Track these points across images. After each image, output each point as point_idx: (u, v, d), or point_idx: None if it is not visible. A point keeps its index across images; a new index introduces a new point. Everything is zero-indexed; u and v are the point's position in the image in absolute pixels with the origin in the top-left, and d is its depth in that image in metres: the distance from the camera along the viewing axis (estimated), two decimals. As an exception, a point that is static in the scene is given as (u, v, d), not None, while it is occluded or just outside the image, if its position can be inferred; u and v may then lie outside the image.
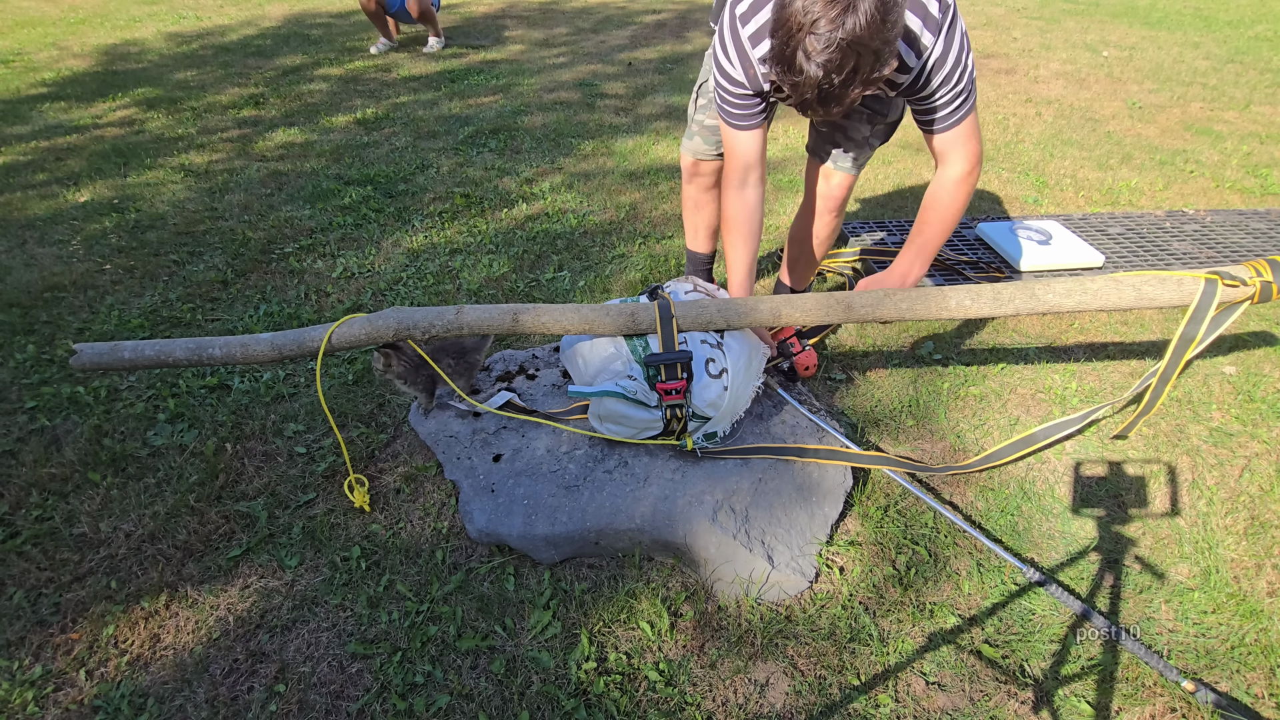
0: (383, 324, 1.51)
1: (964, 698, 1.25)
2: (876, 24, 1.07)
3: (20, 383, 2.00)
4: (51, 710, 1.24)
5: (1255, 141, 3.76)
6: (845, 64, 1.10)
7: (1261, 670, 1.29)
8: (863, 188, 3.22)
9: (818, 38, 1.08)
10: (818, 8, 1.07)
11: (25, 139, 3.72)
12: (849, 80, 1.12)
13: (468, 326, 1.52)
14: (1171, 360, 1.40)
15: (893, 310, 1.47)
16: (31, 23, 6.23)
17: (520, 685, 1.27)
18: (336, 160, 3.49)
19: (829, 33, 1.07)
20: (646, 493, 1.48)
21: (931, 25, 1.28)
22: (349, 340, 1.52)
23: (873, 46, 1.09)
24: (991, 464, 1.65)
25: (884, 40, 1.09)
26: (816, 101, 1.18)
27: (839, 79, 1.12)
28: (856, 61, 1.10)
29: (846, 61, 1.09)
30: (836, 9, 1.06)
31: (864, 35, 1.07)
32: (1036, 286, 1.41)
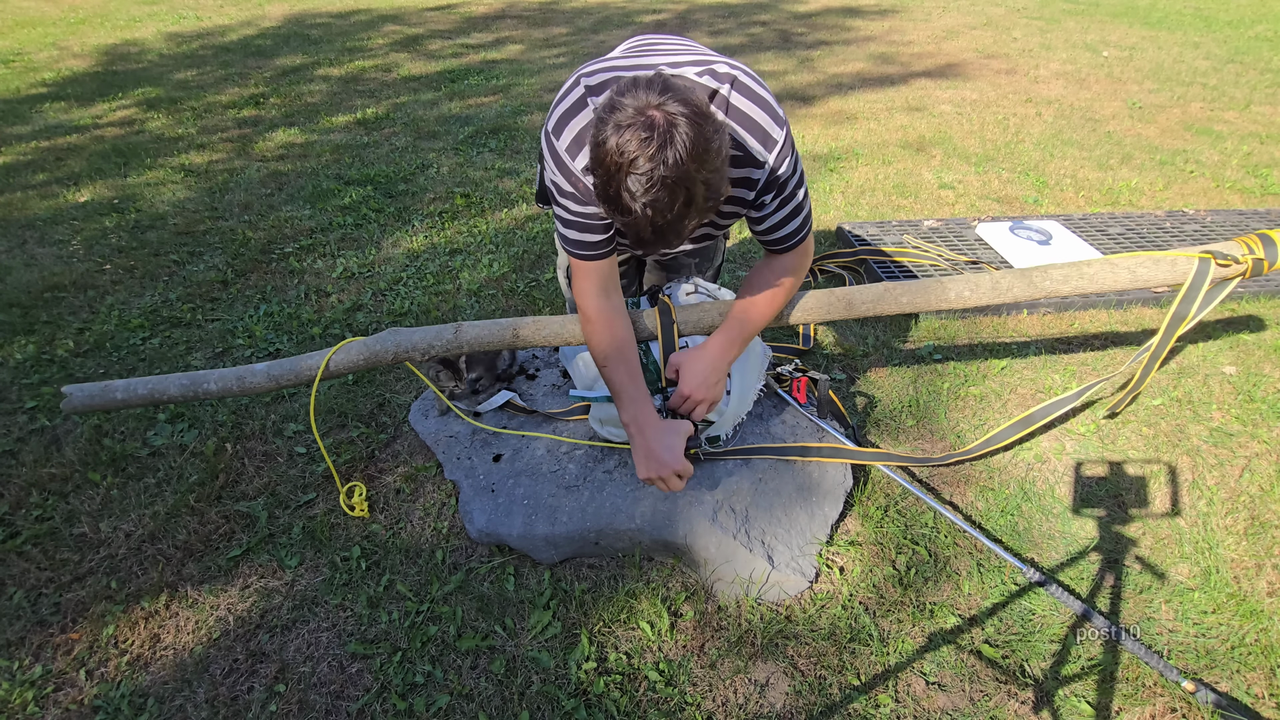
0: (380, 347, 1.49)
1: (964, 698, 1.25)
2: (700, 152, 0.99)
3: (20, 383, 2.00)
4: (51, 710, 1.24)
5: (1255, 141, 3.77)
6: (675, 198, 1.01)
7: (1261, 670, 1.29)
8: (864, 187, 3.22)
9: (639, 177, 0.99)
10: (633, 146, 0.98)
11: (25, 139, 3.72)
12: (683, 214, 1.04)
13: (467, 344, 1.51)
14: (1164, 337, 1.40)
15: (893, 304, 1.48)
16: (31, 23, 6.23)
17: (520, 685, 1.27)
18: (336, 160, 3.49)
19: (650, 170, 0.98)
20: (646, 493, 1.48)
21: (770, 145, 1.22)
22: (346, 365, 1.50)
23: (700, 177, 1.01)
24: (993, 446, 1.65)
25: (711, 168, 1.02)
26: (652, 238, 1.08)
27: (671, 214, 1.02)
28: (686, 195, 1.01)
29: (675, 195, 1.00)
30: (654, 145, 0.97)
31: (688, 167, 0.98)
32: (1034, 273, 1.42)
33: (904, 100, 4.39)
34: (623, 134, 0.99)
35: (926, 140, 3.76)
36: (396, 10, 6.82)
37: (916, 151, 3.62)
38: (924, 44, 5.66)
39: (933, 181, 3.29)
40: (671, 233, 1.07)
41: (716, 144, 1.02)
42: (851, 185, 3.25)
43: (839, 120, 4.06)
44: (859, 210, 3.03)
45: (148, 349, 2.13)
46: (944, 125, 3.98)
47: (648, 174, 0.98)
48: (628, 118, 0.99)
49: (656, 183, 0.99)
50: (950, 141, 3.75)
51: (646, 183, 0.99)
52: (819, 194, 3.16)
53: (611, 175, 1.01)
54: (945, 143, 3.73)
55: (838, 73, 4.92)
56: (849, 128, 3.95)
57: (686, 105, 0.99)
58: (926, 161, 3.50)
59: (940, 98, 4.45)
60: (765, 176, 1.24)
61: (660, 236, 1.08)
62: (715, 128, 1.02)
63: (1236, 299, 2.35)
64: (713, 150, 1.01)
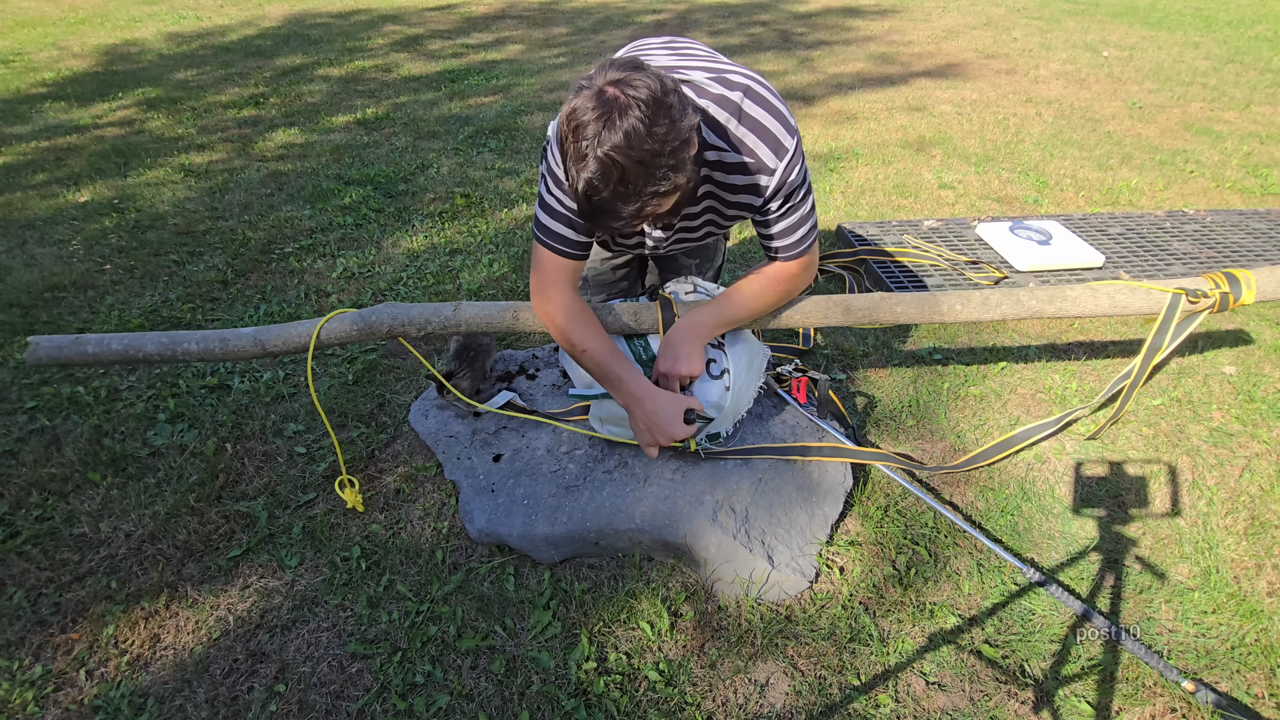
0: (376, 319, 1.47)
1: (964, 698, 1.25)
2: (639, 135, 0.99)
3: (20, 383, 2.00)
4: (51, 710, 1.24)
5: (1255, 141, 3.77)
6: (609, 176, 1.01)
7: (1261, 670, 1.29)
8: (864, 187, 3.22)
9: (581, 146, 1.01)
10: (587, 115, 1.00)
11: (25, 139, 3.72)
12: (619, 194, 1.04)
13: (465, 324, 1.50)
14: (1142, 365, 1.48)
15: (888, 314, 1.50)
16: (31, 23, 6.23)
17: (520, 685, 1.27)
18: (336, 160, 3.50)
19: (592, 141, 1.00)
20: (646, 493, 1.48)
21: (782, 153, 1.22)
22: (340, 336, 1.47)
23: (636, 157, 1.00)
24: (976, 465, 1.66)
25: (652, 152, 1.01)
26: (590, 214, 1.10)
27: (606, 191, 1.03)
28: (622, 174, 1.01)
29: (610, 174, 1.01)
30: (600, 118, 0.99)
31: (622, 146, 0.99)
32: (1021, 293, 1.47)
33: (904, 100, 4.39)
34: (579, 100, 1.01)
35: (926, 140, 3.76)
36: (397, 10, 6.82)
37: (916, 151, 3.62)
38: (924, 44, 5.66)
39: (933, 181, 3.29)
40: (609, 213, 1.08)
41: (663, 129, 1.01)
42: (851, 185, 3.25)
43: (839, 120, 4.06)
44: (859, 210, 3.03)
45: (148, 349, 2.13)
46: (944, 125, 3.98)
47: (589, 144, 1.00)
48: (591, 90, 1.01)
49: (591, 157, 1.01)
50: (950, 141, 3.75)
51: (583, 154, 1.01)
52: (819, 194, 3.16)
53: (563, 140, 1.04)
54: (945, 143, 3.73)
55: (838, 73, 4.92)
56: (849, 128, 3.95)
57: (647, 90, 1.00)
58: (926, 161, 3.50)
59: (940, 98, 4.45)
60: (774, 184, 1.25)
61: (599, 213, 1.08)
62: (671, 122, 1.02)
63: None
64: (655, 134, 1.01)
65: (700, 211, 1.37)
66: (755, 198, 1.28)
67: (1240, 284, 1.41)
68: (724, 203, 1.33)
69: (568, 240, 1.32)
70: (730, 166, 1.24)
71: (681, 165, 1.05)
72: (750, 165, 1.23)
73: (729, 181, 1.27)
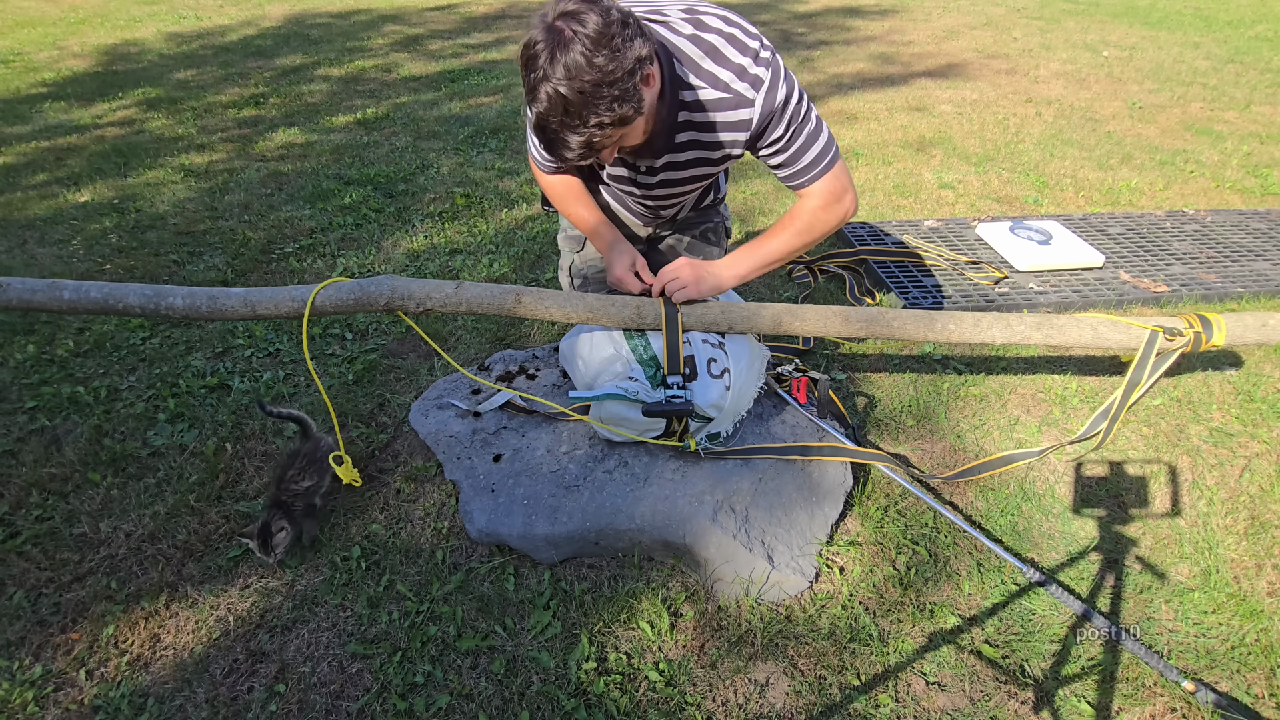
0: (374, 290, 1.44)
1: (964, 698, 1.25)
2: (579, 67, 1.04)
3: (20, 383, 2.00)
4: (51, 710, 1.24)
5: (1255, 141, 3.76)
6: (555, 107, 1.07)
7: (1261, 670, 1.29)
8: (864, 188, 3.22)
9: (529, 78, 1.08)
10: (537, 47, 1.06)
11: (25, 139, 3.72)
12: (567, 124, 1.09)
13: (466, 303, 1.47)
14: (1122, 401, 1.52)
15: (884, 328, 1.53)
16: (31, 23, 6.23)
17: (520, 685, 1.27)
18: (337, 160, 3.50)
19: (539, 73, 1.06)
20: (646, 493, 1.48)
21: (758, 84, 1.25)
22: (335, 304, 1.44)
23: (576, 88, 1.05)
24: (965, 479, 1.65)
25: (593, 82, 1.05)
26: (545, 143, 1.16)
27: (555, 119, 1.09)
28: (565, 105, 1.07)
29: (555, 105, 1.07)
30: (546, 48, 1.05)
31: (563, 78, 1.04)
32: (1011, 318, 1.53)
33: (904, 100, 4.39)
34: (533, 32, 1.07)
35: (927, 140, 3.76)
36: (397, 10, 6.82)
37: (917, 151, 3.62)
38: (924, 44, 5.66)
39: (933, 181, 3.29)
40: (561, 142, 1.14)
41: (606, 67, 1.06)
42: (851, 185, 3.24)
43: (840, 120, 4.06)
44: (859, 210, 3.03)
45: (148, 348, 2.13)
46: (944, 125, 3.98)
47: (535, 77, 1.07)
48: (542, 22, 1.07)
49: (540, 89, 1.07)
50: (950, 141, 3.75)
51: (532, 86, 1.08)
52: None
53: (521, 71, 1.11)
54: (945, 143, 3.73)
55: (838, 73, 4.92)
56: (850, 127, 3.94)
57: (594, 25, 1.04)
58: (927, 161, 3.50)
59: (940, 98, 4.45)
60: (759, 114, 1.27)
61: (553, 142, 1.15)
62: (614, 52, 1.06)
63: (1237, 299, 2.35)
64: (595, 69, 1.05)
65: (687, 159, 1.40)
66: (742, 133, 1.31)
67: (1212, 326, 1.49)
68: (708, 144, 1.35)
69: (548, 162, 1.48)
70: (708, 104, 1.27)
71: (627, 95, 1.10)
72: (728, 100, 1.26)
73: (709, 119, 1.29)
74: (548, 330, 2.22)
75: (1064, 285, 2.38)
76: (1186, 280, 2.42)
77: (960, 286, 2.38)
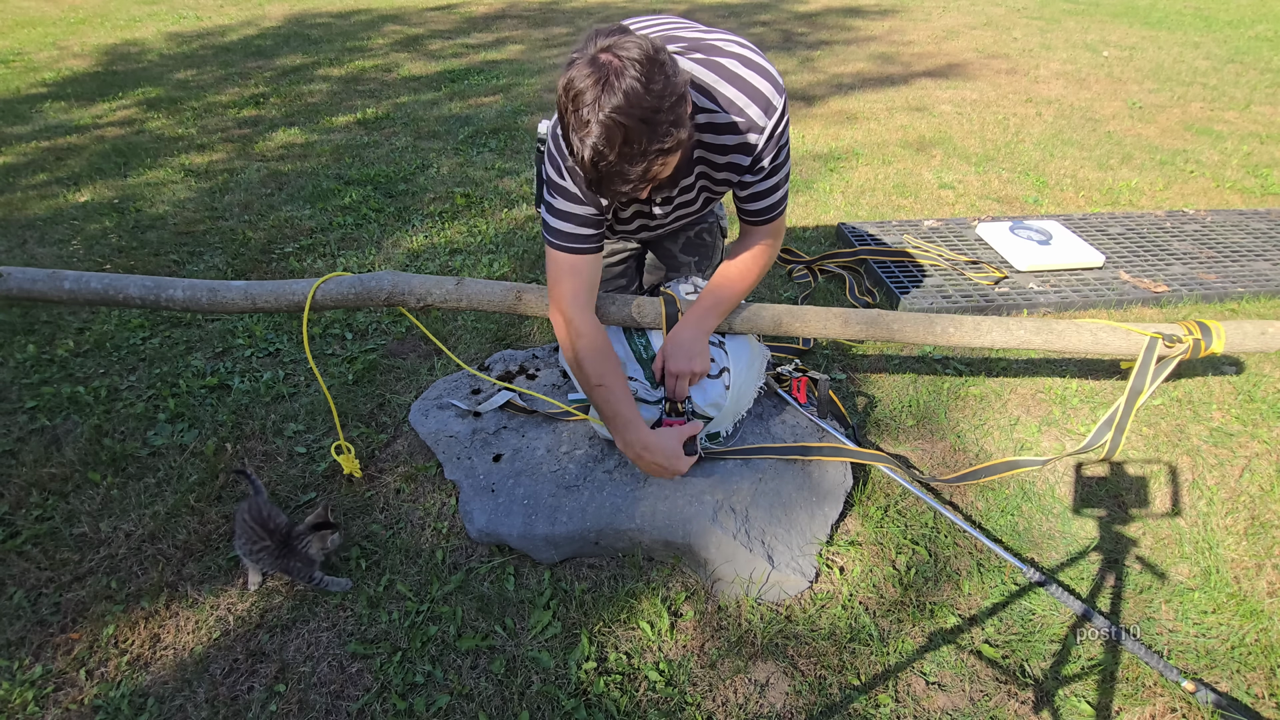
0: (375, 285, 1.44)
1: (964, 698, 1.25)
2: (638, 93, 1.01)
3: (20, 383, 2.00)
4: (51, 710, 1.24)
5: (1255, 141, 3.76)
6: (614, 139, 1.03)
7: (1261, 670, 1.29)
8: (864, 187, 3.22)
9: (581, 113, 1.03)
10: (582, 82, 1.02)
11: (25, 139, 3.72)
12: (625, 156, 1.06)
13: (467, 299, 1.47)
14: (1125, 409, 1.53)
15: (884, 330, 1.54)
16: (31, 23, 6.23)
17: (520, 685, 1.27)
18: (337, 160, 3.50)
19: (592, 107, 1.02)
20: (646, 493, 1.48)
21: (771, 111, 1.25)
22: (335, 299, 1.44)
23: (638, 115, 1.02)
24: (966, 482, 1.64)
25: (652, 109, 1.03)
26: (599, 182, 1.11)
27: (612, 155, 1.05)
28: (625, 134, 1.03)
29: (614, 136, 1.03)
30: (598, 86, 1.01)
31: (623, 106, 1.01)
32: (1010, 322, 1.54)
33: (905, 100, 4.39)
34: (573, 71, 1.03)
35: (927, 140, 3.76)
36: (397, 10, 6.82)
37: (917, 151, 3.62)
38: (925, 44, 5.66)
39: (933, 181, 3.29)
40: (618, 177, 1.10)
41: (659, 84, 1.04)
42: (852, 185, 3.25)
43: (840, 120, 4.06)
44: (859, 210, 3.03)
45: (148, 348, 2.13)
46: (944, 125, 3.98)
47: (590, 110, 1.02)
48: (583, 59, 1.03)
49: (594, 121, 1.03)
50: (950, 141, 3.75)
51: (585, 120, 1.03)
52: (819, 194, 3.16)
53: (563, 113, 1.06)
54: (945, 143, 3.73)
55: (839, 72, 4.92)
56: (850, 127, 3.94)
57: (639, 50, 1.02)
58: (927, 161, 3.50)
59: (941, 98, 4.45)
60: (764, 140, 1.28)
61: (607, 180, 1.10)
62: (666, 78, 1.05)
63: (1237, 299, 2.35)
64: (652, 91, 1.03)
65: (694, 180, 1.40)
66: (745, 157, 1.31)
67: (1211, 333, 1.50)
68: (714, 165, 1.35)
69: (579, 237, 1.34)
70: (721, 127, 1.27)
71: (681, 120, 1.09)
72: (740, 125, 1.26)
73: (719, 143, 1.30)
74: (547, 330, 2.22)
75: (1064, 285, 2.38)
76: (1186, 280, 2.42)
77: (960, 286, 2.38)
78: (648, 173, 1.11)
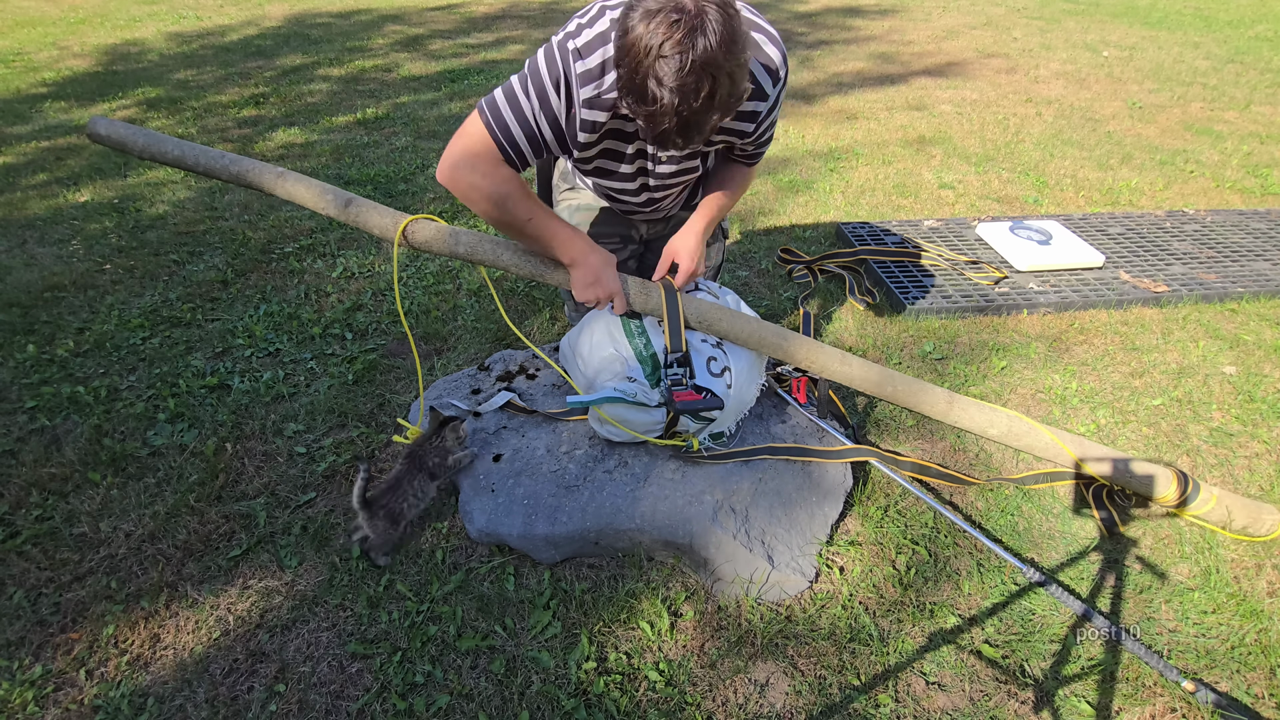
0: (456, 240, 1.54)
1: (964, 698, 1.25)
2: (728, 43, 1.02)
3: (20, 383, 2.00)
4: (51, 710, 1.24)
5: (1255, 141, 3.76)
6: (700, 87, 1.03)
7: (1261, 670, 1.29)
8: (864, 187, 3.22)
9: (667, 60, 1.01)
10: (662, 30, 1.00)
11: (25, 139, 3.72)
12: (707, 106, 1.06)
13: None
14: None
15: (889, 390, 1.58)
16: (31, 23, 6.23)
17: (520, 685, 1.27)
18: (337, 160, 3.50)
19: (679, 55, 1.00)
20: (646, 493, 1.48)
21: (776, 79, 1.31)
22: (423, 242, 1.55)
23: (727, 68, 1.03)
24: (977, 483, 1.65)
25: (736, 62, 1.04)
26: (676, 131, 1.10)
27: (696, 103, 1.05)
28: (712, 85, 1.04)
29: (702, 84, 1.03)
30: (683, 30, 1.00)
31: (716, 55, 1.01)
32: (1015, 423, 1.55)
33: (904, 100, 4.39)
34: (652, 20, 1.01)
35: (927, 140, 3.76)
36: (398, 10, 6.82)
37: (917, 151, 3.62)
38: (924, 43, 5.66)
39: (933, 181, 3.29)
40: (695, 127, 1.10)
41: (741, 38, 1.05)
42: (851, 185, 3.25)
43: (840, 119, 4.06)
44: (859, 210, 3.03)
45: (148, 348, 2.13)
46: (944, 125, 3.98)
47: (678, 59, 1.01)
48: (658, 4, 1.01)
49: (685, 67, 1.01)
50: (950, 141, 3.75)
51: (676, 67, 1.01)
52: (819, 193, 3.16)
53: (639, 63, 1.03)
54: (945, 142, 3.73)
55: (839, 72, 4.92)
56: (849, 127, 3.94)
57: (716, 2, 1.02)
58: (926, 161, 3.50)
59: (940, 97, 4.45)
60: (769, 106, 1.33)
61: (685, 128, 1.10)
62: (740, 22, 1.06)
63: (1237, 299, 2.35)
64: (739, 42, 1.04)
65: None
66: (749, 124, 1.36)
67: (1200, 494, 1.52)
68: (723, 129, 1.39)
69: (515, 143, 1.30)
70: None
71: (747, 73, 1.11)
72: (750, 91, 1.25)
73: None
74: (548, 330, 2.22)
75: (1064, 285, 2.38)
76: (1186, 280, 2.42)
77: (960, 286, 2.38)
78: (720, 121, 1.13)
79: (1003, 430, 1.54)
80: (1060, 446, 1.53)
